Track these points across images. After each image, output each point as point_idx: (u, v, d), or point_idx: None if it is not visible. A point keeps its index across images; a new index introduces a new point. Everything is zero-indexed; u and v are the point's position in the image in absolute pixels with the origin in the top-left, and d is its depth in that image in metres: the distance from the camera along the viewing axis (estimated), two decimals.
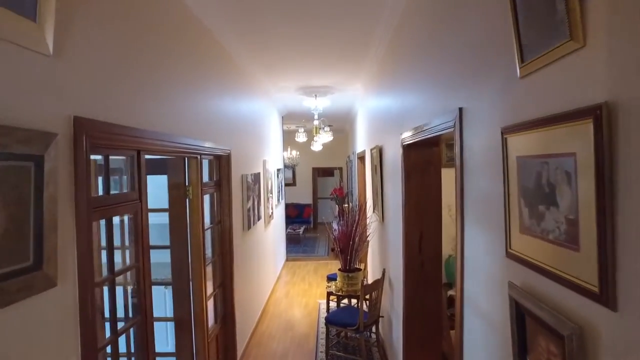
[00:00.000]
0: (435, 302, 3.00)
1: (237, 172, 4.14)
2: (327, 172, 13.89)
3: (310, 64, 4.76)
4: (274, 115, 7.06)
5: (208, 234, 3.43)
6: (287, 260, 8.76)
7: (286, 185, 12.19)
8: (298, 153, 11.81)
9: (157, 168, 3.16)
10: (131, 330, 2.15)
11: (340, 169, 13.36)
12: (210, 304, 3.46)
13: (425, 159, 2.97)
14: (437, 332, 3.04)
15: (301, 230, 11.32)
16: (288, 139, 11.13)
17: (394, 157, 3.46)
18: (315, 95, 6.25)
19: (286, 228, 9.93)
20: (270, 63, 4.62)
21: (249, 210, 4.45)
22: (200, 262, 3.14)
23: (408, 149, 2.96)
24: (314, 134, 6.17)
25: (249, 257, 4.68)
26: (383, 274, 3.96)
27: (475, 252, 1.54)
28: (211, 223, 3.51)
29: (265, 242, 5.88)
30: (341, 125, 10.82)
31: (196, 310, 3.13)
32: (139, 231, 2.13)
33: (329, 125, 6.85)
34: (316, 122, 6.14)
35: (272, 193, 6.37)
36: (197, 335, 3.15)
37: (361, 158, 7.50)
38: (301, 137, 6.58)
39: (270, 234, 6.38)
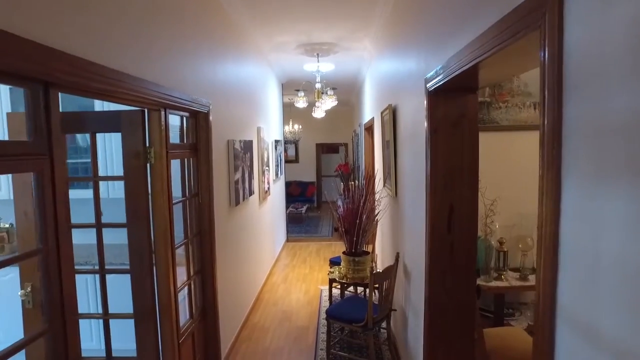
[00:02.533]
0: (467, 296, 2.33)
1: (222, 136, 3.43)
2: (331, 148, 13.14)
3: (311, 11, 3.98)
4: (271, 81, 6.30)
5: (179, 209, 2.76)
6: (287, 240, 8.13)
7: (288, 162, 11.50)
8: (300, 127, 11.06)
9: (108, 124, 2.47)
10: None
11: (346, 144, 12.61)
12: (183, 294, 2.82)
13: (458, 111, 2.25)
14: (468, 333, 2.38)
15: (304, 209, 10.67)
16: (289, 112, 10.38)
17: (413, 114, 2.74)
18: (318, 55, 5.47)
19: (288, 207, 9.30)
20: (263, 9, 3.85)
21: (236, 182, 3.77)
22: (166, 243, 2.48)
23: (435, 96, 2.24)
24: (316, 99, 5.41)
25: (239, 237, 4.02)
26: (396, 259, 3.29)
27: (595, 234, 0.83)
28: (183, 196, 2.82)
29: (261, 221, 5.22)
30: (346, 97, 10.02)
31: (162, 302, 2.48)
32: (48, 200, 1.45)
33: (333, 88, 6.07)
34: (318, 85, 5.37)
35: (268, 166, 5.68)
36: (164, 333, 2.51)
37: (368, 129, 6.77)
38: (301, 103, 5.83)
39: (267, 211, 5.72)
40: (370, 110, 5.97)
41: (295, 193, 12.21)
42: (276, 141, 6.74)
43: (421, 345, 2.53)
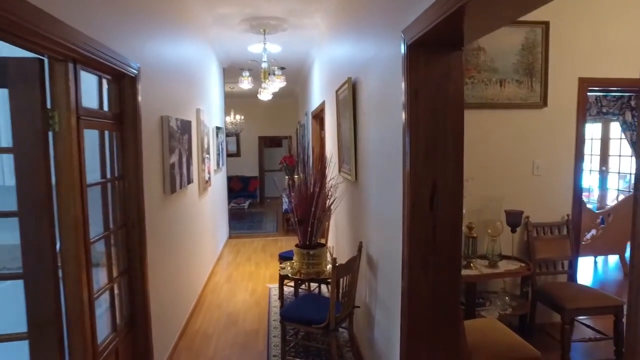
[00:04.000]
0: (451, 288, 2.01)
1: (154, 110, 2.86)
2: (275, 141, 12.64)
3: None
4: (212, 62, 5.70)
5: (96, 194, 2.18)
6: (230, 237, 7.54)
7: (230, 156, 10.83)
8: (242, 117, 10.45)
9: None
10: None
11: (290, 137, 12.18)
12: (104, 302, 2.25)
13: (442, 70, 1.92)
14: (452, 328, 2.07)
15: (246, 204, 10.10)
16: (231, 102, 9.75)
17: (384, 81, 2.39)
18: (264, 32, 4.98)
19: (229, 202, 8.68)
20: None
21: (172, 166, 3.20)
22: (78, 237, 1.90)
23: (416, 52, 1.90)
24: (262, 80, 4.93)
25: (175, 230, 3.45)
26: (359, 250, 2.93)
27: None
28: (103, 177, 2.24)
29: (201, 214, 4.64)
30: (291, 87, 9.58)
31: (71, 315, 1.91)
32: None
33: (281, 68, 5.61)
34: (265, 65, 4.88)
35: (209, 154, 5.09)
36: (74, 355, 1.93)
37: (316, 116, 6.41)
38: (246, 84, 5.31)
39: (208, 204, 5.14)
40: (320, 94, 5.60)
41: (237, 188, 11.56)
42: (218, 128, 6.15)
43: (396, 346, 2.19)
